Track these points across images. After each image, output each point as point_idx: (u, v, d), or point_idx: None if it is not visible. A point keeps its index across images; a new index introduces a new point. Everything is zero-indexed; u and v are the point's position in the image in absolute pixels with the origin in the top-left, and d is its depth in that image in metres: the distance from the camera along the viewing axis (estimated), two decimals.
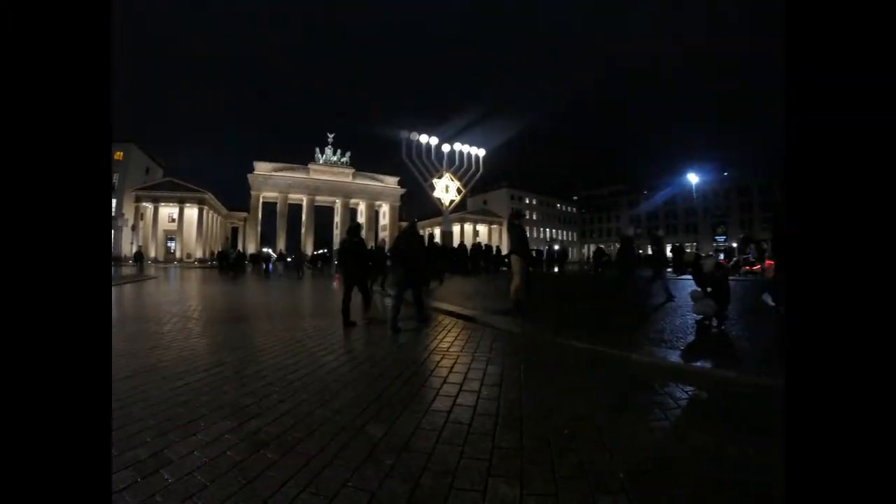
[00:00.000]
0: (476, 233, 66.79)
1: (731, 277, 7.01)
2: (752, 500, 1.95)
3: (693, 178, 43.72)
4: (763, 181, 64.25)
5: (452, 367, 4.12)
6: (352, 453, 2.33)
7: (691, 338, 5.43)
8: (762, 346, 4.94)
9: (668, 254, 14.67)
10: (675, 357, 4.47)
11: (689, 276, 7.00)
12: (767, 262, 17.99)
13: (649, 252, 13.23)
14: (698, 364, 4.22)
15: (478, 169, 31.94)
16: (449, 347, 5.08)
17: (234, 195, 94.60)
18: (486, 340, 5.47)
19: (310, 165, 69.00)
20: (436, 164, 29.00)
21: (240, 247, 58.07)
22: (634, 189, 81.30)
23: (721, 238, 60.76)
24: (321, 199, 70.50)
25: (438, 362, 4.36)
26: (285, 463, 2.24)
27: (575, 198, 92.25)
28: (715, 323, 6.05)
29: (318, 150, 70.33)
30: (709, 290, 6.30)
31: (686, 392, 3.51)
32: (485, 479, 2.06)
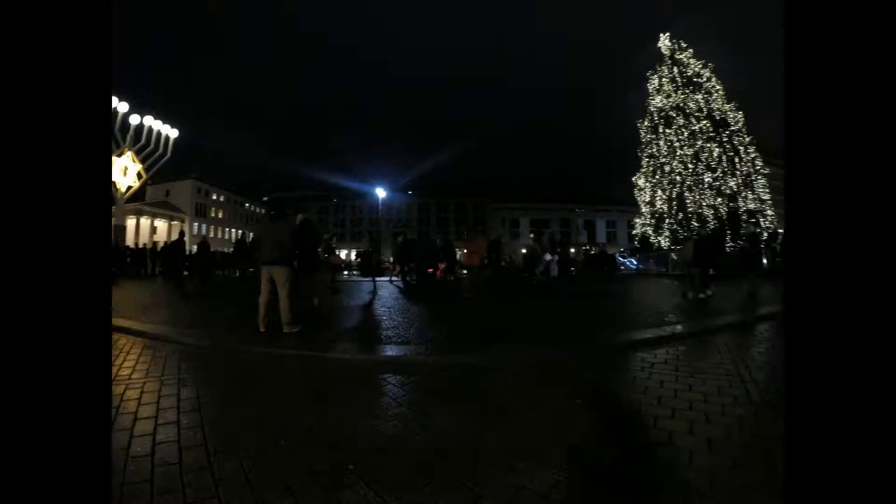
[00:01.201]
0: (154, 229, 56.17)
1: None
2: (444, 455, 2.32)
3: (381, 193, 47.64)
4: (440, 201, 77.44)
5: (140, 399, 3.48)
6: None
7: (387, 332, 6.18)
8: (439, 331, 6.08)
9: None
10: (372, 351, 5.09)
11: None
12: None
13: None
14: (391, 353, 4.96)
15: (166, 152, 26.38)
16: (130, 374, 4.25)
17: None
18: (172, 359, 4.80)
19: None
20: (118, 137, 22.50)
21: None
22: (325, 196, 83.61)
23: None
24: None
25: (122, 395, 3.60)
26: None
27: (265, 199, 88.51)
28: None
29: None
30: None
31: (384, 380, 4.08)
32: None
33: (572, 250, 23.87)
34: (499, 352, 5.01)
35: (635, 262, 26.79)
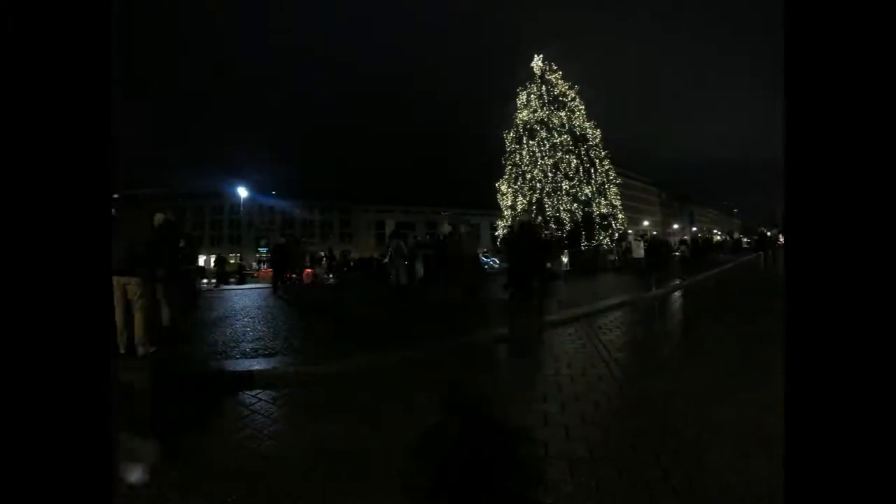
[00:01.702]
0: None
1: None
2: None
3: (243, 193, 43.23)
4: (310, 204, 74.93)
5: None
6: None
7: (253, 345, 5.85)
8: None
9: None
10: (239, 367, 4.76)
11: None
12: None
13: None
14: (259, 367, 4.71)
15: None
16: None
17: None
18: None
19: None
20: None
21: None
22: (175, 194, 75.96)
23: (264, 249, 64.18)
24: None
25: None
26: None
27: (115, 196, 77.13)
28: None
29: None
30: None
31: (255, 396, 3.93)
32: None
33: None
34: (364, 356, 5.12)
35: (497, 262, 28.33)
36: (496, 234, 34.37)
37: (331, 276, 23.83)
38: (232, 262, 40.88)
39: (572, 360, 4.91)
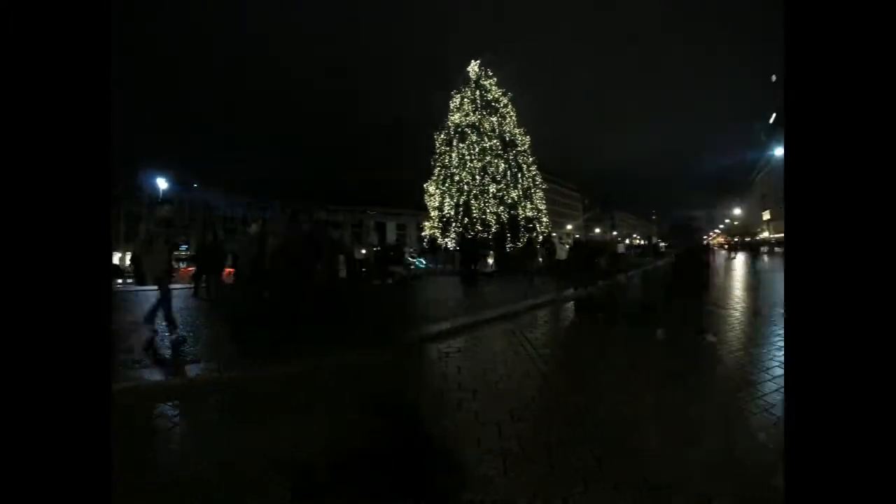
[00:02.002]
0: None
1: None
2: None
3: (162, 184, 38.76)
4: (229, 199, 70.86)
5: None
6: None
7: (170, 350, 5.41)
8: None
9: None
10: (156, 376, 4.37)
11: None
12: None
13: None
14: (180, 375, 4.38)
15: None
16: None
17: None
18: None
19: None
20: None
21: None
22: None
23: (184, 247, 59.47)
24: None
25: None
26: None
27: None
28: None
29: None
30: None
31: (172, 406, 3.65)
32: None
33: (363, 251, 23.87)
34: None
35: (424, 262, 28.41)
36: (423, 234, 34.42)
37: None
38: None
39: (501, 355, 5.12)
